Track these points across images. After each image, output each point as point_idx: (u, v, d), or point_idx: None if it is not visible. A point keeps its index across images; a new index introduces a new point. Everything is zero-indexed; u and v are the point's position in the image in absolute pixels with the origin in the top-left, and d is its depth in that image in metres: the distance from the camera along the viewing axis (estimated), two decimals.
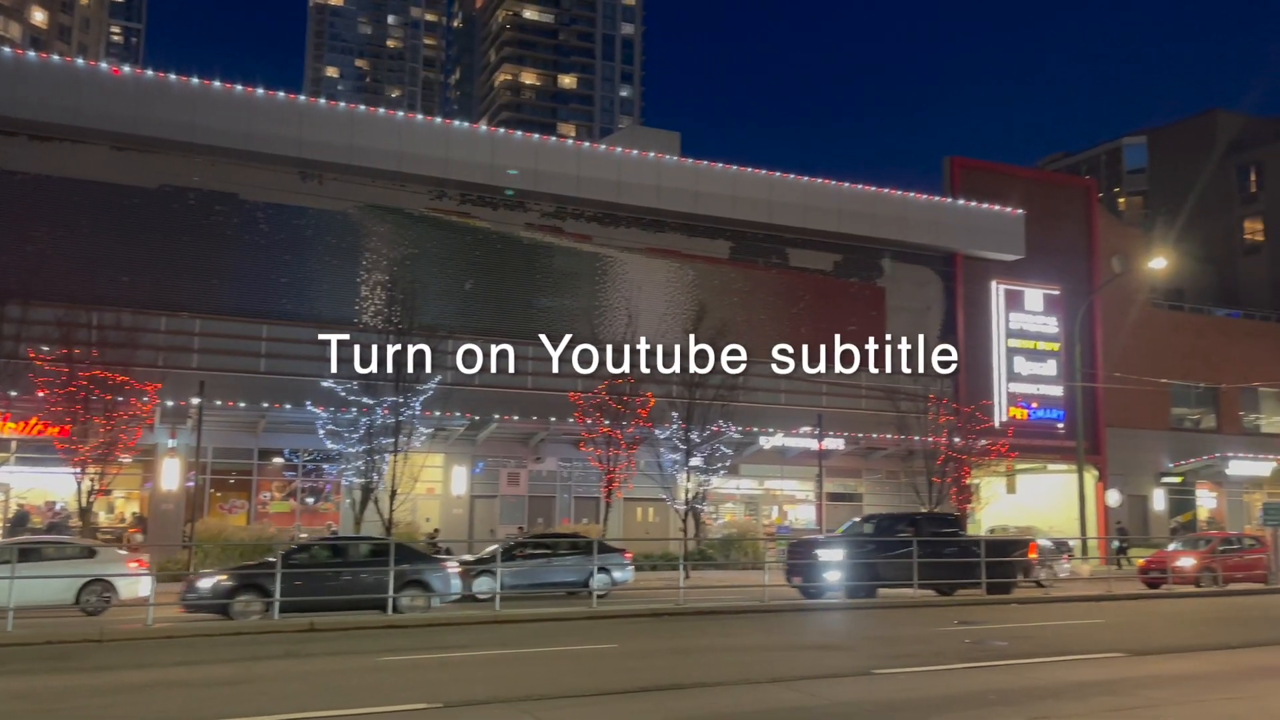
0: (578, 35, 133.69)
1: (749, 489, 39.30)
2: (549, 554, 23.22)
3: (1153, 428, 44.51)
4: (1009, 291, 41.62)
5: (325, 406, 28.68)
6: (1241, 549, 28.33)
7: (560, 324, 34.70)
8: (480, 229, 34.80)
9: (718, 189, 36.90)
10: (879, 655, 13.68)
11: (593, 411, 30.47)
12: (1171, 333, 45.60)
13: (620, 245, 36.51)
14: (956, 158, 43.21)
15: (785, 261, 39.02)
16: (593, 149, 38.07)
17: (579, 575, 22.56)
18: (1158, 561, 27.45)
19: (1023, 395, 41.38)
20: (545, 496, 35.66)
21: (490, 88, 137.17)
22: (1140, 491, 43.70)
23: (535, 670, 12.85)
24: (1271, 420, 48.90)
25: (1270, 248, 52.23)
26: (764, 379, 35.82)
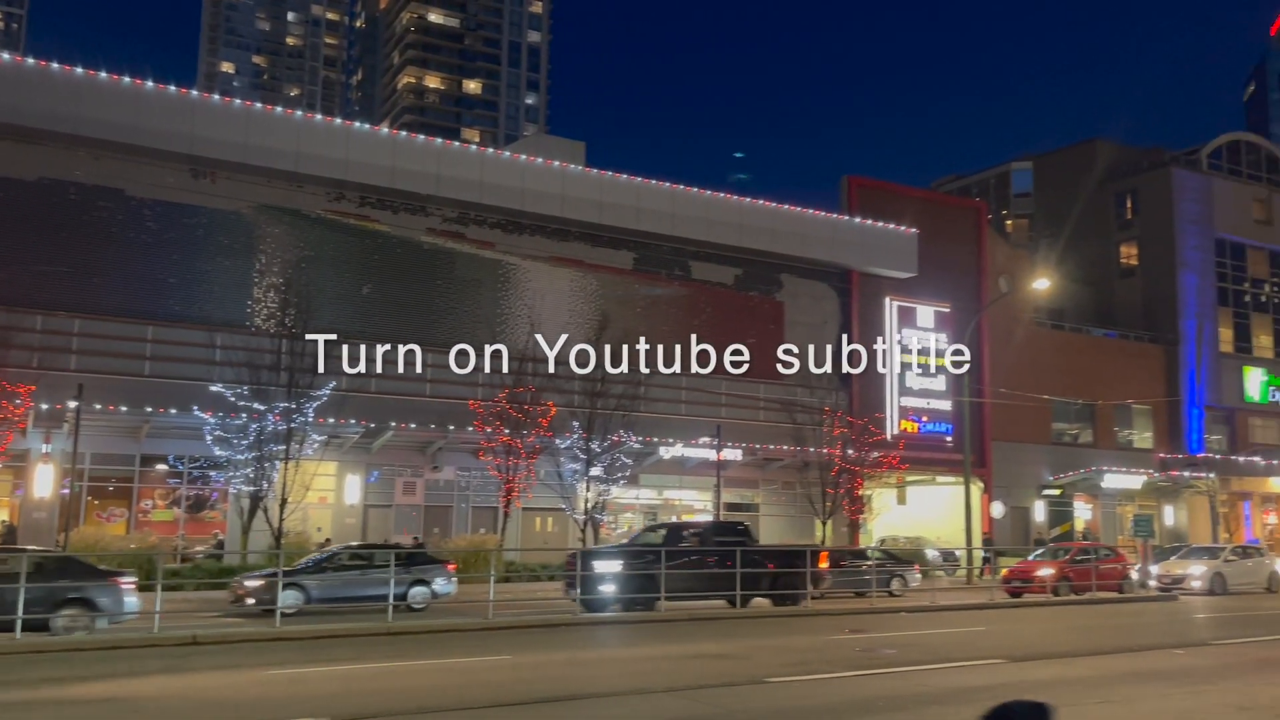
0: (484, 41, 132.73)
1: (648, 499, 39.44)
2: (364, 565, 22.16)
3: (1035, 442, 46.30)
4: (902, 308, 42.80)
5: (213, 412, 27.73)
6: (1097, 559, 29.60)
7: (461, 331, 34.31)
8: (380, 233, 34.19)
9: (622, 200, 37.05)
10: (773, 664, 13.86)
11: (493, 420, 30.19)
12: (1053, 351, 47.56)
13: (523, 253, 36.32)
14: (854, 177, 44.31)
15: (688, 274, 39.38)
16: (497, 155, 37.82)
17: (396, 588, 21.12)
18: (1019, 571, 28.24)
19: (914, 409, 42.58)
20: (442, 506, 35.15)
21: (393, 90, 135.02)
22: (1023, 503, 45.40)
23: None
24: (1143, 436, 51.37)
25: (1144, 271, 54.97)
26: (665, 389, 36.07)
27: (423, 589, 21.74)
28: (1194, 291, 53.27)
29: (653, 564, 21.34)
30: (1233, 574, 29.78)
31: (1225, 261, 55.07)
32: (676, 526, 25.20)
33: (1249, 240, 56.01)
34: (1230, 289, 55.27)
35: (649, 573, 21.14)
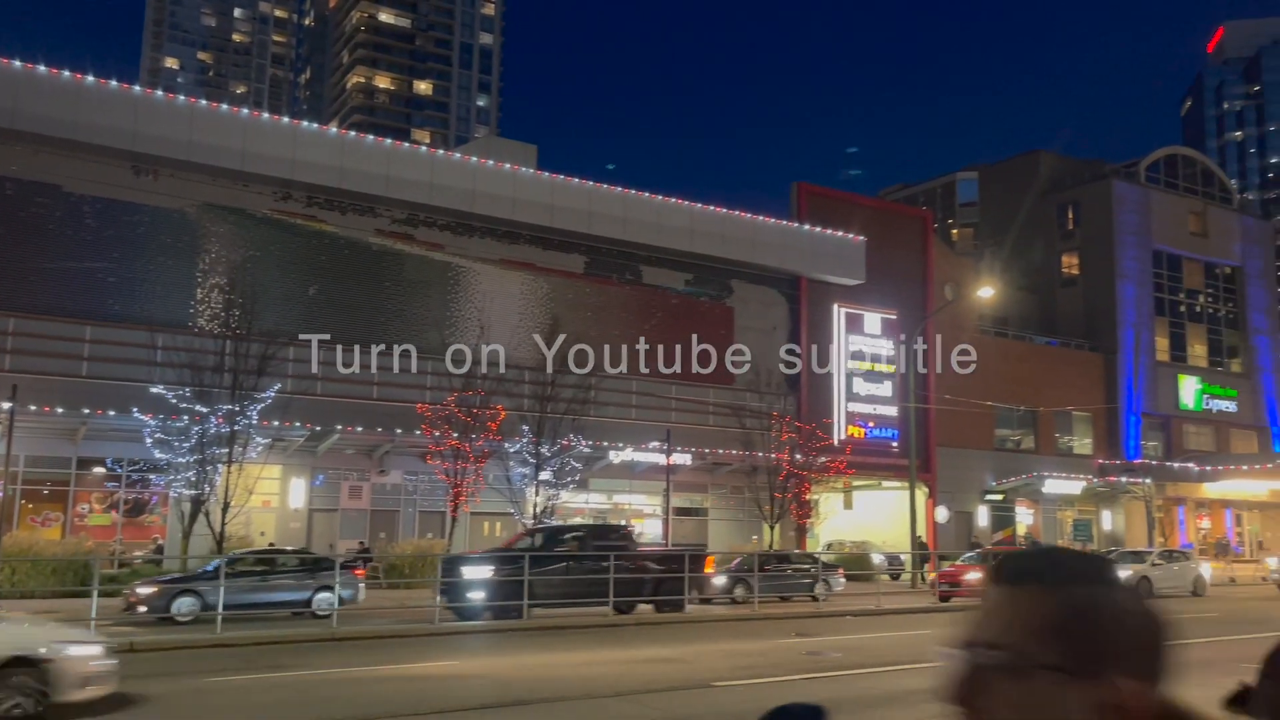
0: (435, 42, 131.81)
1: (598, 503, 39.40)
2: (266, 571, 21.53)
3: (978, 447, 47.04)
4: (849, 314, 43.27)
5: (154, 414, 27.16)
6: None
7: (409, 333, 34.02)
8: (327, 233, 33.77)
9: (573, 203, 36.98)
10: (719, 669, 13.92)
11: (441, 424, 29.93)
12: (997, 358, 48.37)
13: (473, 255, 36.10)
14: (804, 184, 44.70)
15: (639, 278, 39.43)
16: (447, 157, 37.55)
17: (302, 594, 20.85)
18: (949, 575, 28.39)
19: (860, 415, 43.05)
20: (389, 510, 34.78)
21: (342, 89, 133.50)
22: (966, 508, 46.10)
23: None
24: (1083, 442, 52.45)
25: (1085, 281, 56.17)
26: (615, 394, 36.08)
27: (328, 595, 20.74)
28: (1132, 301, 54.56)
29: (529, 569, 20.85)
30: (1159, 578, 30.27)
31: (1162, 272, 56.49)
32: (554, 530, 24.52)
33: (1185, 252, 57.53)
34: (1167, 299, 56.70)
35: (521, 578, 20.60)
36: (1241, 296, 59.91)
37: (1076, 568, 1.18)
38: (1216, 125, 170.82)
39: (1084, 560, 1.20)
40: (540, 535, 23.77)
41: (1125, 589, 1.18)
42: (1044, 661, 1.10)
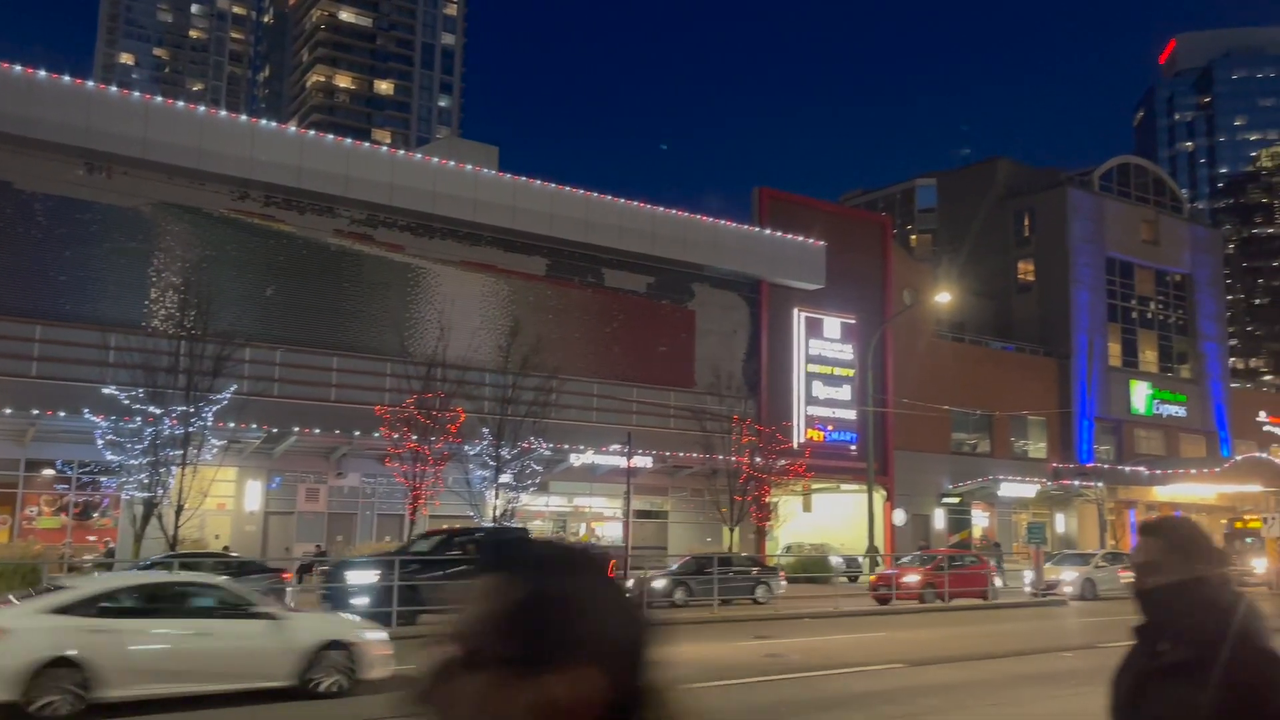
0: (396, 41, 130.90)
1: (558, 506, 39.33)
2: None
3: (935, 451, 47.57)
4: (810, 319, 43.57)
5: (105, 415, 26.68)
6: (963, 566, 30.05)
7: (368, 335, 33.75)
8: (285, 233, 33.39)
9: (536, 206, 36.89)
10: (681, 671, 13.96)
11: (400, 426, 29.69)
12: (954, 362, 48.97)
13: (434, 257, 35.88)
14: (765, 189, 44.93)
15: (601, 281, 39.42)
16: (408, 157, 37.31)
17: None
18: (886, 578, 28.27)
19: (820, 418, 43.36)
20: (346, 513, 34.46)
21: (301, 88, 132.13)
22: (923, 511, 46.59)
23: None
24: (1037, 446, 53.25)
25: (1040, 287, 57.04)
26: (576, 396, 36.02)
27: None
28: (1086, 307, 55.49)
29: (415, 574, 20.06)
30: (1102, 579, 30.61)
31: (1115, 279, 57.52)
32: (449, 534, 23.44)
33: (1137, 259, 58.62)
34: (1119, 306, 57.73)
35: (409, 584, 19.75)
36: (1191, 304, 61.17)
37: (553, 557, 1.13)
38: (1168, 135, 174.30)
39: (565, 551, 1.15)
40: (432, 539, 22.81)
41: (606, 582, 1.14)
42: (499, 653, 1.05)
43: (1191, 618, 2.45)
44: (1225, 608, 2.46)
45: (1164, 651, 2.48)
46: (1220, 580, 2.55)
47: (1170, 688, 2.43)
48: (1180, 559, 2.54)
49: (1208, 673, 2.33)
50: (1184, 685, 2.38)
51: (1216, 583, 2.54)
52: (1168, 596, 2.51)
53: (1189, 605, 2.47)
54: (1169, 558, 2.56)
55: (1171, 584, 2.50)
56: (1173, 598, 2.50)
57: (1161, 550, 2.58)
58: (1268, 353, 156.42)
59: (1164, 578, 2.53)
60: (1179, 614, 2.48)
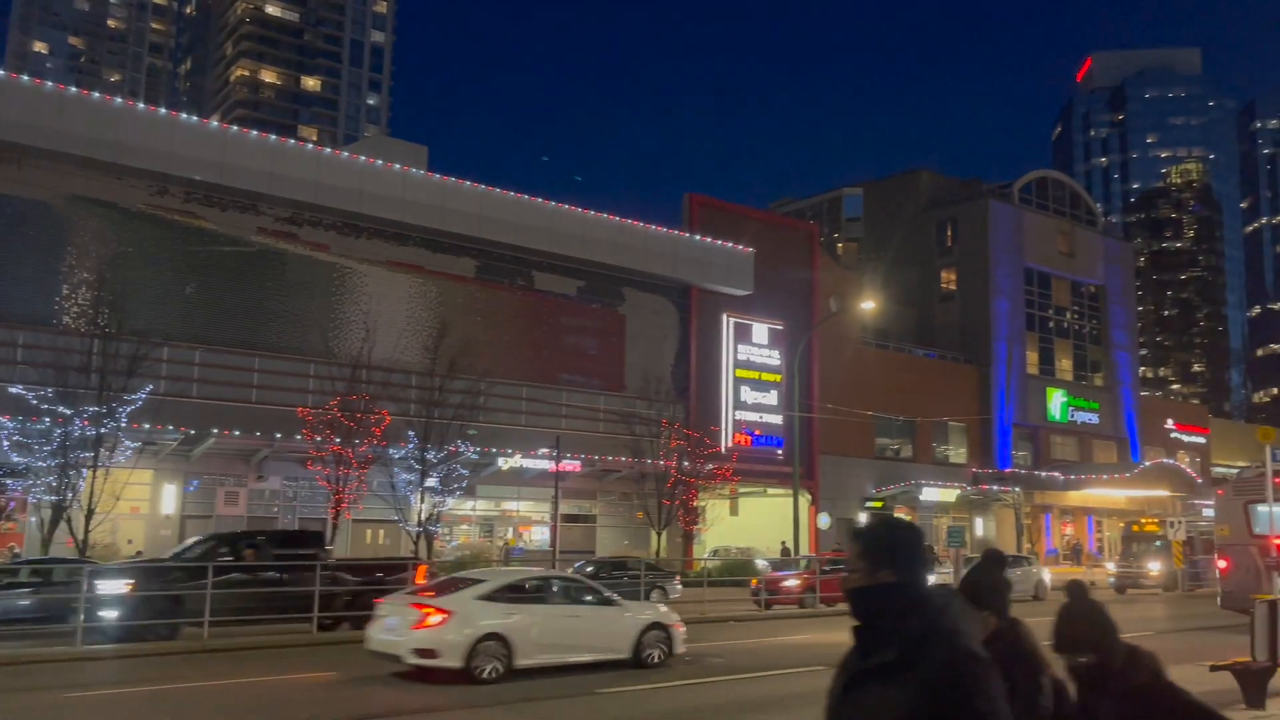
0: (324, 38, 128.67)
1: (485, 510, 39.01)
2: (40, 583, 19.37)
3: (860, 456, 48.36)
4: (738, 324, 43.95)
5: (11, 415, 25.67)
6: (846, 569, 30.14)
7: (291, 336, 33.09)
8: (206, 230, 32.55)
9: (465, 206, 36.56)
10: (603, 675, 13.93)
11: (323, 428, 29.11)
12: (878, 369, 49.83)
13: (360, 257, 35.32)
14: (695, 195, 45.24)
15: (531, 284, 39.23)
16: (334, 155, 36.69)
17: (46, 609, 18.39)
18: (768, 582, 27.87)
19: (747, 423, 43.75)
20: (267, 517, 33.70)
21: (225, 82, 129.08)
22: (847, 515, 47.26)
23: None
24: (958, 451, 54.45)
25: (962, 296, 58.39)
26: (505, 400, 35.78)
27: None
28: (1005, 317, 56.96)
29: (178, 582, 18.34)
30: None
31: (1033, 289, 59.16)
32: (227, 537, 21.58)
33: (1054, 270, 60.38)
34: (1037, 315, 59.40)
35: (172, 593, 18.01)
36: (1104, 314, 63.21)
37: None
38: (1084, 151, 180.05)
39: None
40: (207, 543, 20.90)
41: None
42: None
43: (899, 619, 2.48)
44: (932, 609, 2.49)
45: (872, 652, 2.51)
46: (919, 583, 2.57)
47: (876, 689, 2.45)
48: (871, 563, 2.58)
49: (910, 673, 2.37)
50: (888, 686, 2.41)
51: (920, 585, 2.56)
52: (874, 598, 2.55)
53: (896, 607, 2.50)
54: (862, 562, 2.60)
55: (877, 586, 2.54)
56: (879, 599, 2.54)
57: (857, 554, 2.63)
58: (1175, 362, 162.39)
59: (859, 580, 2.58)
60: (887, 615, 2.51)
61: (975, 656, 2.42)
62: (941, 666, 2.37)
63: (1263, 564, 20.18)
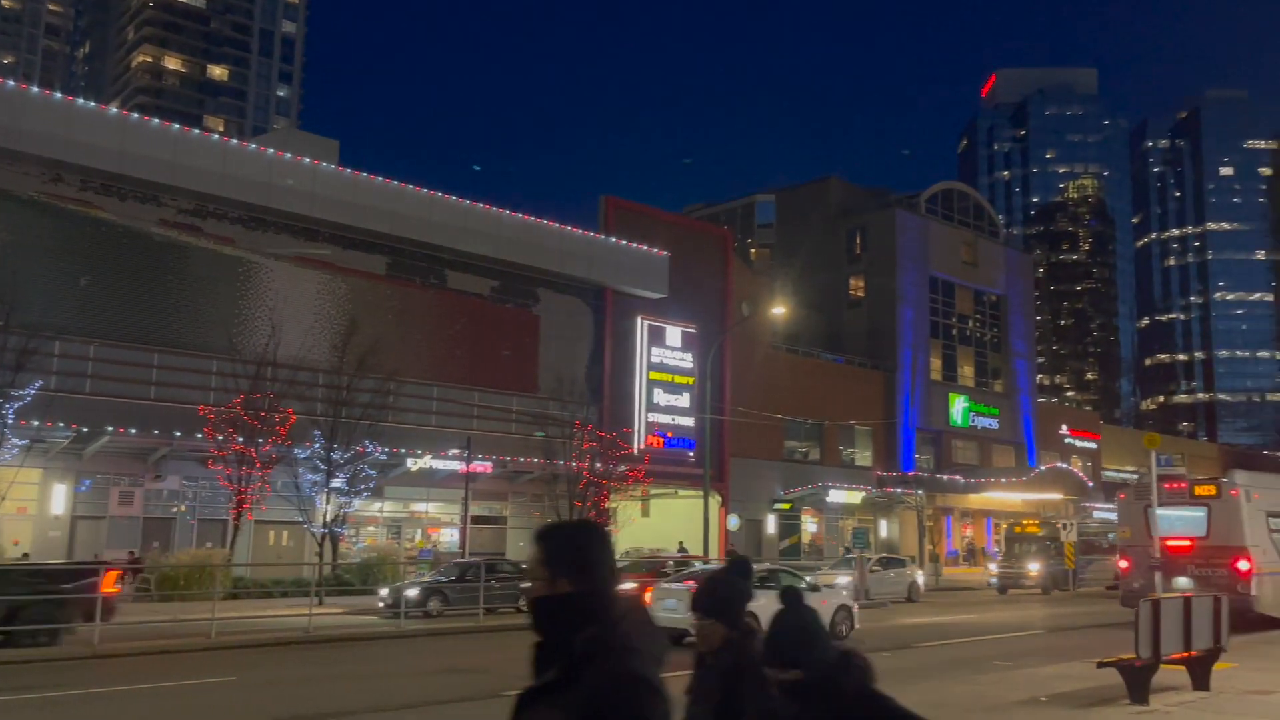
0: (232, 26, 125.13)
1: (393, 511, 38.40)
2: None
3: (769, 458, 49.05)
4: (652, 327, 44.16)
5: None
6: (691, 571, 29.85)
7: (194, 331, 32.09)
8: (104, 221, 31.34)
9: (377, 203, 35.95)
10: (509, 677, 13.89)
11: (225, 427, 28.31)
12: (788, 373, 50.62)
13: (267, 251, 34.44)
14: (611, 197, 45.32)
15: (443, 282, 38.78)
16: (241, 147, 35.70)
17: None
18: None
19: (660, 425, 43.99)
20: (164, 518, 32.61)
21: (126, 68, 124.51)
22: (756, 516, 47.92)
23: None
24: (864, 454, 55.64)
25: (869, 303, 59.73)
26: (415, 400, 35.29)
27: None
28: (911, 324, 58.44)
29: None
30: (875, 583, 31.73)
31: (937, 298, 60.83)
32: None
33: (957, 279, 62.18)
34: (941, 322, 61.08)
35: None
36: (1004, 323, 65.34)
37: None
38: (988, 164, 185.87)
39: None
40: None
41: None
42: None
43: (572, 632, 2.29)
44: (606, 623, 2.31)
45: (543, 669, 2.34)
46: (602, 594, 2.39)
47: (540, 710, 2.28)
48: (551, 571, 2.39)
49: (568, 694, 2.19)
50: (550, 708, 2.24)
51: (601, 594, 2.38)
52: (552, 609, 2.36)
53: (568, 621, 2.31)
54: (543, 569, 2.41)
55: (555, 596, 2.35)
56: (557, 610, 2.35)
57: (538, 561, 2.43)
58: (1070, 370, 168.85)
59: (540, 589, 2.39)
60: (561, 629, 2.32)
61: (637, 679, 2.20)
62: (598, 688, 2.18)
63: (1150, 564, 21.16)
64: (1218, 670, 12.85)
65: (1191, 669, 12.57)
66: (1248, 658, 15.07)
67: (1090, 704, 11.60)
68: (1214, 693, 12.19)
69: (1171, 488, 23.58)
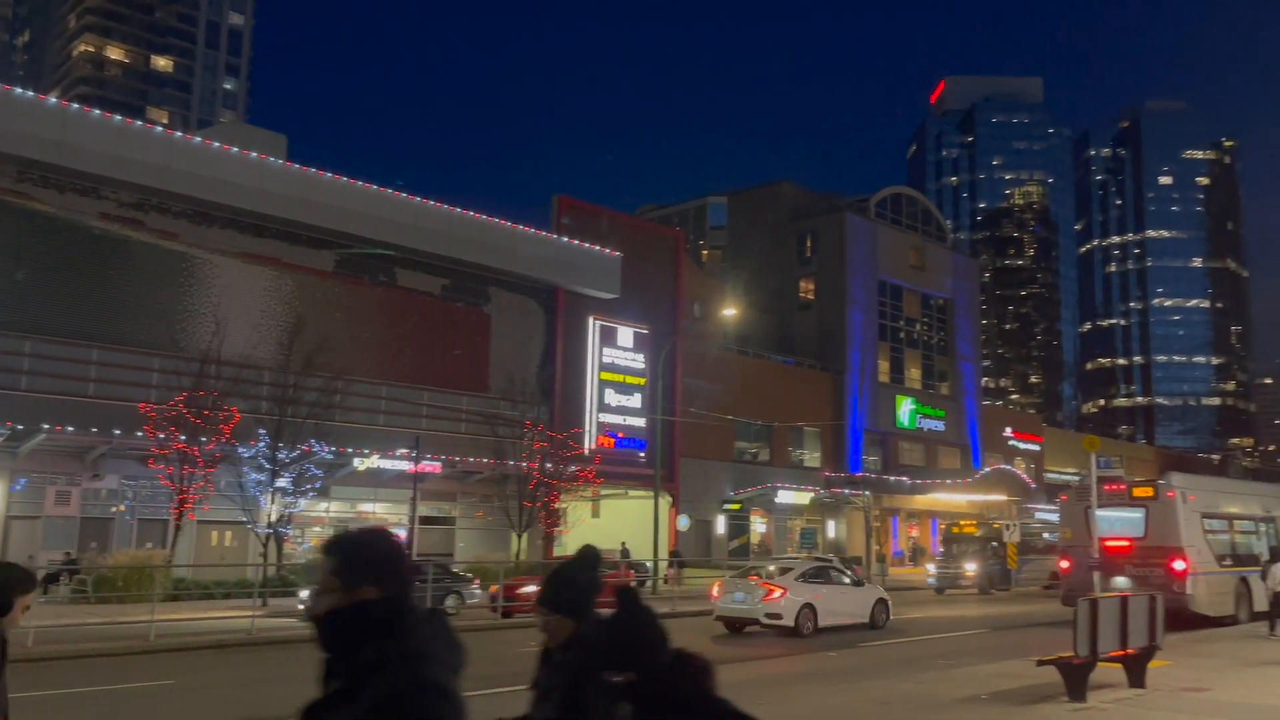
0: (178, 16, 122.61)
1: (340, 512, 37.90)
2: None
3: (719, 459, 49.27)
4: (604, 327, 44.14)
5: None
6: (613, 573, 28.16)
7: (135, 327, 31.41)
8: (42, 213, 30.54)
9: (325, 199, 35.47)
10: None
11: (166, 425, 27.75)
12: (739, 374, 50.90)
13: (212, 247, 33.82)
14: (564, 197, 45.21)
15: (393, 280, 38.38)
16: (186, 140, 35.03)
17: None
18: (509, 589, 26.04)
19: (611, 425, 43.98)
20: (103, 518, 31.86)
21: (67, 57, 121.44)
22: (706, 517, 48.11)
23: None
24: (812, 455, 56.12)
25: (819, 305, 60.26)
26: (363, 398, 34.89)
27: None
28: (860, 326, 59.07)
29: None
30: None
31: (886, 301, 61.56)
32: None
33: (905, 283, 62.99)
34: (889, 326, 61.82)
35: None
36: (951, 326, 66.31)
37: None
38: (936, 170, 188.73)
39: None
40: None
41: None
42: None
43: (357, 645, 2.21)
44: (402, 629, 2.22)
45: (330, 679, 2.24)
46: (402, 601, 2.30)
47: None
48: (349, 580, 2.29)
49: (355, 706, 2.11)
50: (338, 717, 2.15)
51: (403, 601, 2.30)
52: (338, 622, 2.25)
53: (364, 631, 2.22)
54: (337, 579, 2.30)
55: (354, 605, 2.25)
56: (352, 622, 2.24)
57: (332, 570, 2.32)
58: (1014, 374, 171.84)
59: (334, 600, 2.28)
60: (355, 640, 2.22)
61: (428, 686, 2.11)
62: (387, 696, 2.07)
63: (1090, 564, 21.62)
64: (1153, 668, 13.15)
65: (1128, 667, 12.85)
66: (1182, 656, 15.45)
67: (1030, 701, 11.81)
68: (1149, 690, 12.47)
69: (1111, 489, 24.12)
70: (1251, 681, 13.42)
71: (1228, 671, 14.23)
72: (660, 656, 2.95)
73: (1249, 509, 25.96)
